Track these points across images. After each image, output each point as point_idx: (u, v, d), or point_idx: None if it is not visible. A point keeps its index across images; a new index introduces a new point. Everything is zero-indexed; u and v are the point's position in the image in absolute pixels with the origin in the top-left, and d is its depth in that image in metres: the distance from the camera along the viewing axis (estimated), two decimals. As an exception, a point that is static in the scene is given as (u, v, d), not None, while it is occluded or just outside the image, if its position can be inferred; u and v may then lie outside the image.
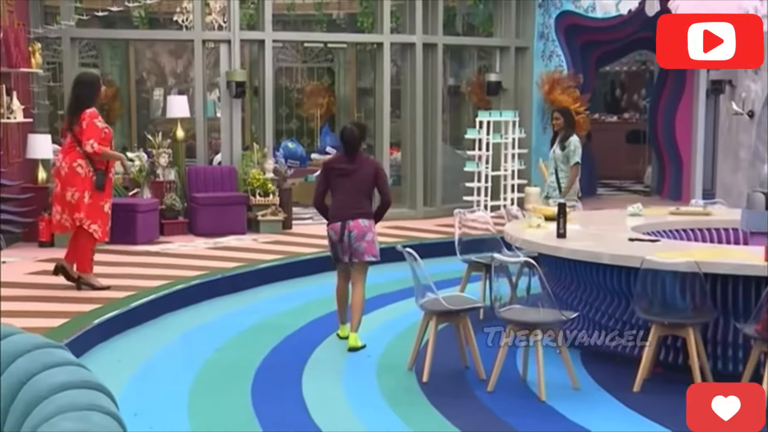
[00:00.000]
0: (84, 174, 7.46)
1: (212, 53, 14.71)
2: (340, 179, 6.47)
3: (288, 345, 6.55)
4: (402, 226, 11.55)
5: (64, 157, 7.53)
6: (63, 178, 7.48)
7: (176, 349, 6.42)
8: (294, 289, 8.39)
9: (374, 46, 12.57)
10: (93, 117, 7.46)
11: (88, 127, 7.42)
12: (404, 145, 12.63)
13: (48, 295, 7.24)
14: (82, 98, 7.46)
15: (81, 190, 7.43)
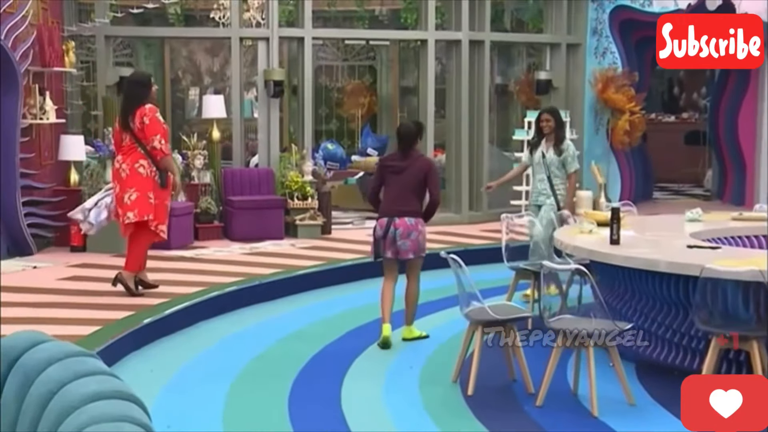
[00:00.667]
0: (146, 174, 7.55)
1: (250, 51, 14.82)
2: (393, 176, 6.78)
3: (327, 355, 6.57)
4: (447, 231, 11.52)
5: (125, 158, 7.60)
6: (124, 180, 7.57)
7: (211, 359, 6.46)
8: (333, 297, 8.40)
9: (418, 44, 12.57)
10: (154, 111, 7.56)
11: (151, 122, 7.50)
12: (449, 146, 12.60)
13: (79, 301, 7.33)
14: (136, 97, 7.57)
15: (143, 191, 7.51)
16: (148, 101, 7.63)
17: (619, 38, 12.78)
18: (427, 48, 12.10)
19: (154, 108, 7.60)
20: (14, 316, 6.64)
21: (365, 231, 11.46)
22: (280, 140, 11.99)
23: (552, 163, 8.02)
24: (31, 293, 7.57)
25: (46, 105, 9.52)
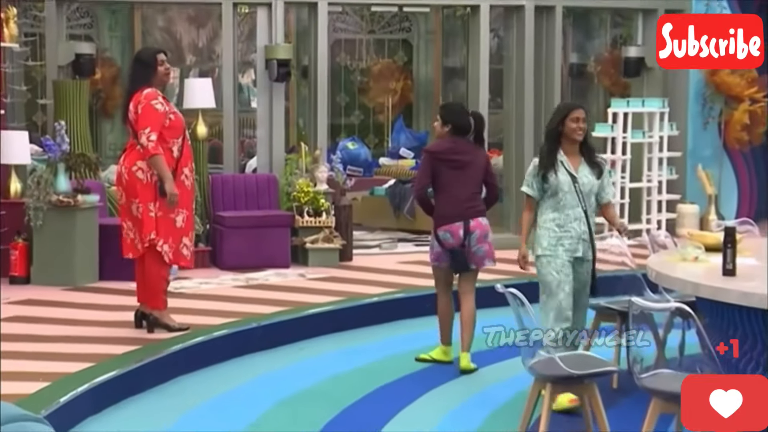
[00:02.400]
0: (146, 180, 7.70)
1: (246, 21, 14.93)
2: (454, 171, 7.46)
3: (345, 422, 6.57)
4: (504, 257, 11.49)
5: (124, 159, 7.82)
6: (125, 187, 7.77)
7: (192, 426, 6.46)
8: (354, 345, 8.42)
9: (467, 10, 12.62)
10: (150, 98, 7.69)
11: (144, 111, 7.65)
12: (508, 146, 12.60)
13: (22, 349, 7.39)
14: (137, 80, 7.77)
15: (144, 201, 7.68)
16: (154, 84, 7.77)
17: (736, 3, 12.75)
18: (479, 16, 12.13)
19: (154, 93, 7.73)
20: (-63, 368, 6.71)
21: (396, 257, 11.49)
22: (285, 138, 12.05)
23: (592, 191, 6.90)
24: (-42, 338, 7.65)
25: (-21, 92, 9.64)
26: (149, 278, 7.89)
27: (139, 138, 7.67)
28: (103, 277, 9.84)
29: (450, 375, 7.50)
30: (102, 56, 15.38)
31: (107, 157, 14.59)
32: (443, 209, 7.52)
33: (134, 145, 7.78)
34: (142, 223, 7.75)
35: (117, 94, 15.86)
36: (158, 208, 7.73)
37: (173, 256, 7.86)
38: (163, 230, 7.77)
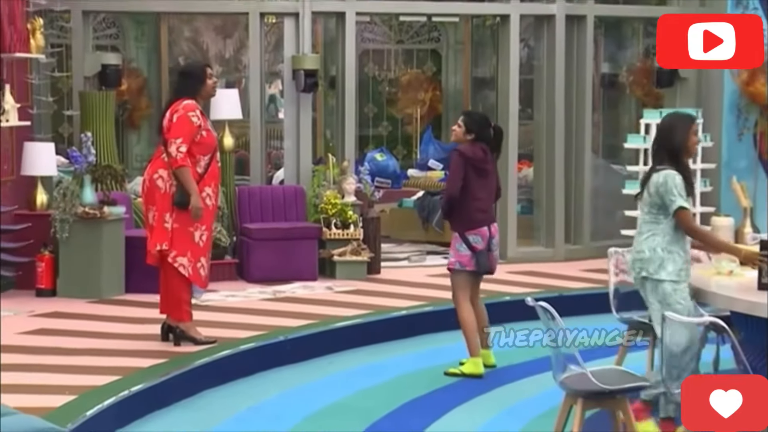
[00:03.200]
0: (164, 188, 7.76)
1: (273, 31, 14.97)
2: (480, 177, 7.82)
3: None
4: (535, 270, 11.47)
5: (149, 167, 7.91)
6: (145, 195, 7.89)
7: (220, 440, 6.50)
8: (382, 358, 8.41)
9: (497, 20, 12.61)
10: (188, 109, 7.75)
11: (178, 121, 7.72)
12: (538, 157, 12.58)
13: (48, 362, 7.43)
14: (182, 91, 7.85)
15: (160, 210, 7.74)
16: (199, 97, 7.85)
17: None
18: (509, 26, 12.13)
19: (193, 105, 7.79)
20: (-37, 381, 6.76)
21: (425, 270, 11.48)
22: (313, 149, 12.07)
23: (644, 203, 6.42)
24: (-16, 351, 7.71)
25: (5, 102, 9.70)
26: (171, 290, 7.92)
27: (168, 146, 7.71)
28: (129, 290, 9.87)
29: (480, 389, 7.48)
30: (128, 67, 15.49)
31: (133, 169, 14.67)
32: (472, 213, 7.79)
33: (160, 153, 7.83)
34: (152, 231, 7.79)
35: (143, 105, 15.96)
36: (174, 219, 7.75)
37: (192, 273, 7.86)
38: (180, 244, 7.77)
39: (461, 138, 7.90)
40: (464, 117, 8.04)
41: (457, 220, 7.85)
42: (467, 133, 7.86)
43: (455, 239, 7.89)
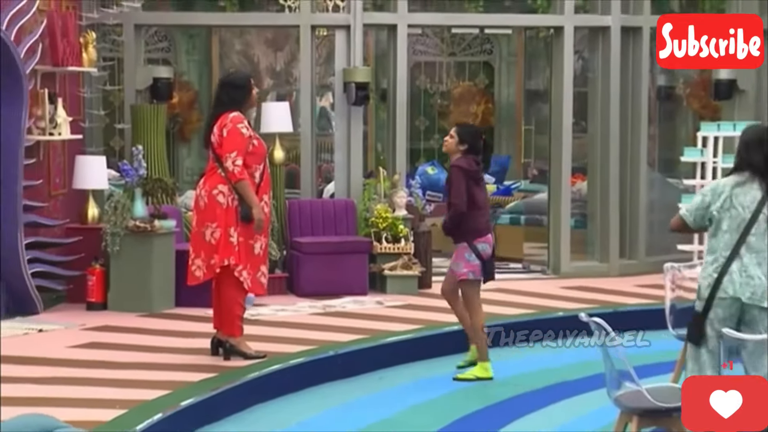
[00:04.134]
0: (226, 204, 7.80)
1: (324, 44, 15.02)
2: (478, 188, 8.10)
3: (425, 453, 6.58)
4: (588, 286, 11.41)
5: (204, 182, 7.92)
6: (203, 211, 7.87)
7: (269, 455, 6.52)
8: (433, 374, 8.40)
9: (551, 32, 12.58)
10: (237, 122, 7.81)
11: (229, 134, 7.77)
12: (592, 171, 12.52)
13: (98, 376, 7.49)
14: (227, 103, 7.88)
15: (223, 226, 7.77)
16: (244, 108, 7.90)
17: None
18: (562, 37, 12.09)
19: (240, 117, 7.85)
20: (14, 395, 6.82)
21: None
22: (363, 162, 12.09)
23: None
24: (35, 365, 7.78)
25: (57, 116, 9.80)
26: (225, 304, 7.95)
27: (223, 162, 7.75)
28: (180, 303, 9.93)
29: (533, 406, 7.46)
30: (179, 80, 15.60)
31: (184, 182, 14.78)
32: (478, 223, 8.06)
33: (215, 169, 7.86)
34: (216, 248, 7.79)
35: (194, 118, 16.08)
36: (239, 233, 7.79)
37: (252, 284, 7.91)
38: (244, 257, 7.83)
39: (453, 149, 8.13)
40: (457, 128, 8.28)
41: (464, 231, 8.03)
42: (460, 143, 8.10)
43: (463, 250, 8.05)
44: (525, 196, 14.70)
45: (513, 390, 7.86)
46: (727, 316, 5.72)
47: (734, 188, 5.82)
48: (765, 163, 5.78)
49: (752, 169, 5.81)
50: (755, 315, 5.75)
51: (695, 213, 5.91)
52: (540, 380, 8.13)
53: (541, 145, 15.34)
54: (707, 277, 5.81)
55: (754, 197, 5.80)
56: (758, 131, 6.03)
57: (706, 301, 5.76)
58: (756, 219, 5.80)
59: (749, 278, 5.74)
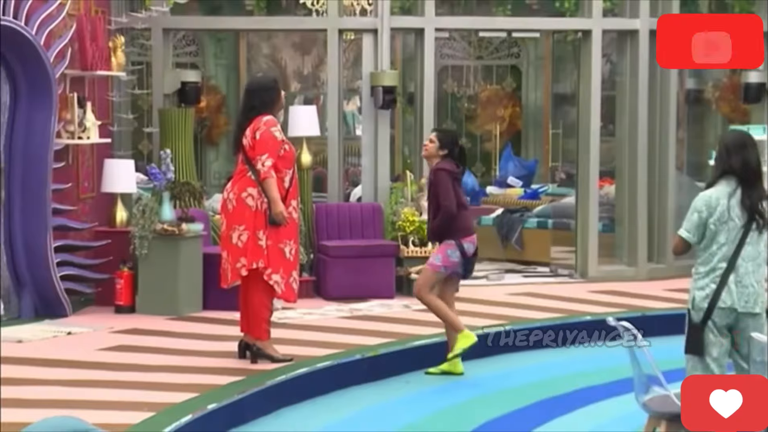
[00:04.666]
0: (255, 206, 7.83)
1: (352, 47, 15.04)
2: (459, 189, 8.38)
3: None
4: (616, 290, 11.38)
5: (233, 185, 7.96)
6: (230, 214, 7.90)
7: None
8: (460, 378, 8.40)
9: (579, 35, 12.56)
10: (270, 125, 7.86)
11: (262, 137, 7.80)
12: (620, 174, 12.49)
13: (127, 379, 7.52)
14: (258, 107, 7.90)
15: (252, 229, 7.80)
16: (274, 111, 7.94)
17: None
18: (590, 41, 12.07)
19: (273, 120, 7.90)
20: (43, 398, 6.87)
21: (504, 289, 11.45)
22: (390, 166, 12.10)
23: None
24: (64, 367, 7.82)
25: (86, 120, 9.86)
26: (252, 307, 7.96)
27: (254, 164, 7.77)
28: (207, 307, 9.97)
29: (560, 410, 7.44)
30: (207, 84, 15.68)
31: (211, 186, 14.84)
32: (465, 222, 8.37)
33: (244, 172, 7.88)
34: (244, 251, 7.81)
35: (222, 122, 16.14)
36: (268, 237, 7.81)
37: (285, 289, 7.93)
38: (274, 261, 7.85)
39: (434, 153, 8.36)
40: (438, 133, 8.55)
41: (453, 230, 8.26)
42: (441, 148, 8.34)
43: (448, 246, 8.27)
44: (552, 199, 14.67)
45: (540, 394, 7.85)
46: (723, 324, 5.73)
47: (729, 200, 5.80)
48: (743, 167, 5.77)
49: (735, 174, 5.80)
50: (749, 323, 5.74)
51: (696, 232, 5.87)
52: (567, 384, 8.11)
53: (569, 148, 15.31)
54: (704, 287, 5.79)
55: (746, 206, 5.79)
56: (739, 135, 6.05)
57: (705, 311, 5.74)
58: (749, 228, 5.81)
59: (743, 288, 5.77)
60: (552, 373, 8.43)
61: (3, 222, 9.39)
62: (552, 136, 17.18)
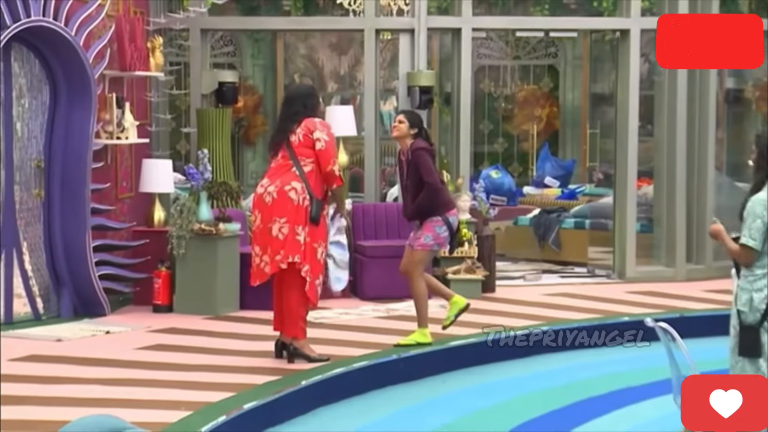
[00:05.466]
0: (298, 201, 7.85)
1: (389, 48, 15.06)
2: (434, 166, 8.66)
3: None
4: (654, 290, 11.33)
5: (273, 179, 7.94)
6: (269, 207, 7.87)
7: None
8: (497, 378, 8.39)
9: (617, 35, 12.50)
10: (328, 127, 8.05)
11: (328, 144, 7.91)
12: (659, 175, 12.43)
13: (164, 378, 7.56)
14: (301, 111, 7.99)
15: (292, 223, 7.81)
16: (317, 116, 8.05)
17: None
18: (629, 40, 12.01)
19: (327, 123, 8.10)
20: (80, 396, 6.92)
21: (541, 289, 11.43)
22: (427, 166, 12.10)
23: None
24: (102, 366, 7.87)
25: (125, 120, 9.92)
26: (289, 304, 7.95)
27: (327, 167, 7.83)
28: (244, 306, 10.00)
29: (597, 412, 7.42)
30: (245, 84, 15.73)
31: (248, 186, 14.85)
32: (446, 196, 8.72)
33: (289, 167, 7.85)
34: (283, 244, 7.79)
35: (259, 122, 16.19)
36: (307, 233, 7.83)
37: (309, 289, 7.94)
38: (309, 258, 7.87)
39: (405, 133, 8.59)
40: (406, 114, 8.81)
41: (437, 205, 8.51)
42: (411, 128, 8.59)
43: (434, 223, 8.50)
44: (590, 200, 14.63)
45: (577, 395, 7.83)
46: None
47: None
48: None
49: None
50: None
51: (761, 238, 5.82)
52: (604, 385, 8.08)
53: (607, 148, 15.26)
54: (763, 288, 5.71)
55: None
56: None
57: (763, 312, 5.67)
58: None
59: None
60: (589, 375, 8.40)
61: (42, 222, 9.48)
62: (590, 136, 17.12)
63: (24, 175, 9.35)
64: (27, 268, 9.36)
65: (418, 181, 8.46)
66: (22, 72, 9.30)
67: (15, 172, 9.25)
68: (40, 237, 9.47)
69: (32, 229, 9.43)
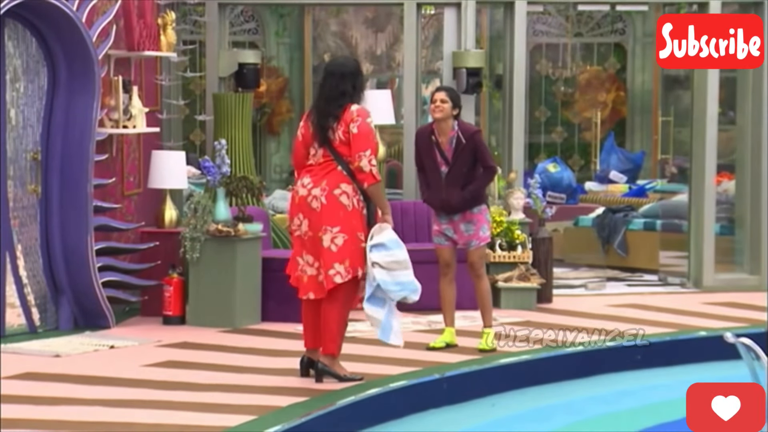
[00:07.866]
0: (351, 206, 7.78)
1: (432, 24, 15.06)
2: None
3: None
4: (736, 301, 11.27)
5: (316, 180, 7.79)
6: (318, 213, 7.75)
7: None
8: (553, 401, 8.39)
9: (694, 8, 12.45)
10: (366, 116, 7.82)
11: (362, 130, 7.73)
12: (741, 169, 12.37)
13: (175, 399, 7.59)
14: (349, 92, 7.83)
15: (350, 230, 7.75)
16: (361, 100, 7.91)
17: None
18: (706, 15, 11.96)
19: (366, 110, 7.86)
20: (81, 419, 6.96)
21: (605, 300, 11.40)
22: (475, 159, 12.09)
23: None
24: (105, 385, 7.91)
25: (132, 106, 9.96)
26: (332, 320, 7.87)
27: (356, 161, 7.68)
28: (267, 318, 10.03)
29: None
30: (268, 66, 15.78)
31: (272, 181, 14.93)
32: None
33: (332, 166, 7.76)
34: (341, 256, 7.71)
35: (284, 108, 16.24)
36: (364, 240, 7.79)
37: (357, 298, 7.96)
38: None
39: (449, 113, 8.89)
40: (448, 92, 9.04)
41: (483, 194, 9.09)
42: (454, 108, 8.90)
43: (484, 212, 9.06)
44: (662, 197, 14.59)
45: (646, 420, 7.78)
46: None
47: None
48: None
49: None
50: None
51: None
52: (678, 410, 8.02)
53: (681, 138, 15.19)
54: None
55: None
56: None
57: None
58: None
59: None
60: (660, 397, 8.36)
61: (39, 222, 9.54)
62: (662, 125, 17.05)
63: (18, 168, 9.42)
64: (21, 275, 9.43)
65: (471, 166, 8.80)
66: (17, 52, 9.36)
67: (8, 166, 9.32)
68: (36, 239, 9.53)
69: (27, 230, 9.49)
